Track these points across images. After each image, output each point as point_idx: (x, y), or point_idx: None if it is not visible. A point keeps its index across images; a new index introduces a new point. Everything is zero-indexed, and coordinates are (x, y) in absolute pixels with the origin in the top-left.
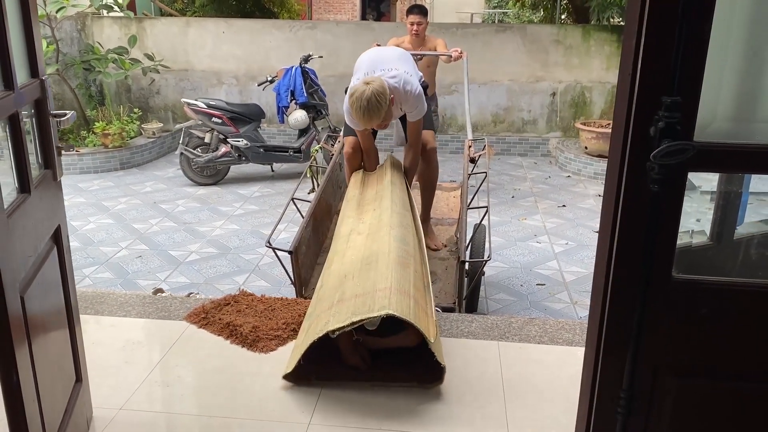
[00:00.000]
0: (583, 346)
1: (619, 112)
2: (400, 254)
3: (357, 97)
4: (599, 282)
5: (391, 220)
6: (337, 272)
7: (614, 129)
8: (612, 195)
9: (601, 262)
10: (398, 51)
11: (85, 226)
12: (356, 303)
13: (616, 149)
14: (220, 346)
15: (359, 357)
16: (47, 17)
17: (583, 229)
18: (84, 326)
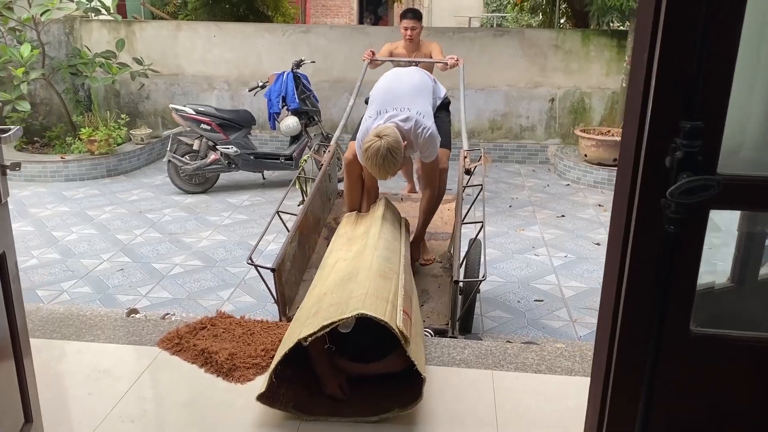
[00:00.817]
0: (582, 375)
1: (628, 138)
2: (381, 269)
3: (372, 154)
4: (603, 336)
5: (377, 243)
6: (317, 293)
7: (622, 158)
8: (619, 235)
9: (606, 311)
10: (416, 79)
11: (67, 237)
12: (329, 311)
13: (624, 182)
14: (193, 376)
15: (338, 386)
16: (33, 20)
17: (583, 241)
18: (48, 353)
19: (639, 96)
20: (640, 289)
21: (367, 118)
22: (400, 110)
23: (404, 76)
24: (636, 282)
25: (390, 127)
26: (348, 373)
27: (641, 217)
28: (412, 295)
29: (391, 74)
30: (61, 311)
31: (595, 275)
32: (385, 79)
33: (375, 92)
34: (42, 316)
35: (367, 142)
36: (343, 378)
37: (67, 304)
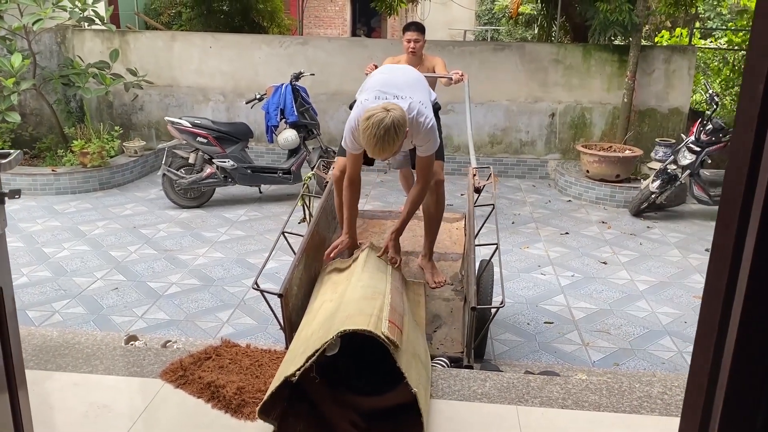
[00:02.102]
0: (611, 410)
1: (733, 179)
2: (365, 293)
3: (374, 123)
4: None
5: (361, 276)
6: (304, 336)
7: (729, 181)
8: (720, 287)
9: (696, 402)
10: (413, 73)
11: (59, 254)
12: (312, 341)
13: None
14: (199, 412)
15: (349, 422)
16: (24, 29)
17: (589, 260)
18: (42, 385)
19: (751, 133)
20: (747, 371)
21: (363, 101)
22: (401, 97)
23: (400, 69)
24: (743, 357)
25: (397, 105)
26: (359, 408)
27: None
28: (404, 314)
29: (385, 67)
30: (55, 336)
31: (603, 295)
32: (380, 72)
33: (370, 82)
34: (35, 344)
35: (370, 110)
36: (354, 414)
37: (61, 327)
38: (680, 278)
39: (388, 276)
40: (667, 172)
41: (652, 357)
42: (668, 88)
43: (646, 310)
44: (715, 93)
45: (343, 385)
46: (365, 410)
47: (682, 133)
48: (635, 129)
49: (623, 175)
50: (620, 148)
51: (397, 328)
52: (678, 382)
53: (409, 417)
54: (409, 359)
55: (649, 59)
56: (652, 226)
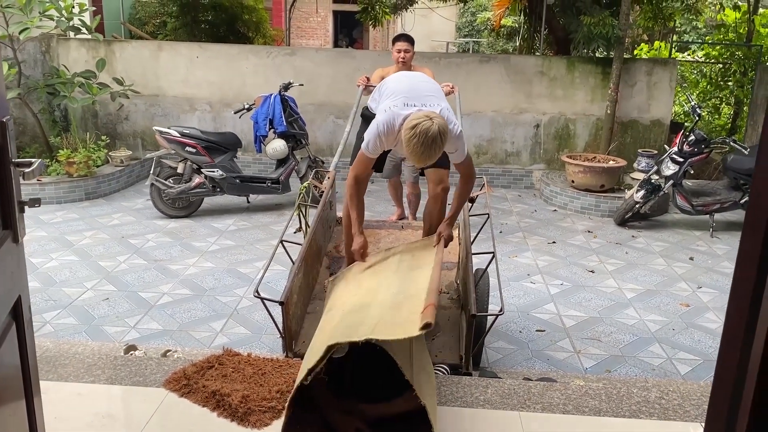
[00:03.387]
0: (611, 415)
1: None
2: (392, 300)
3: (421, 131)
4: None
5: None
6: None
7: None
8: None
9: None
10: (430, 80)
11: (47, 264)
12: (336, 335)
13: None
14: (205, 420)
15: (355, 430)
16: (9, 38)
17: (577, 268)
18: (45, 396)
19: None
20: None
21: (392, 107)
22: (429, 105)
23: (417, 75)
24: None
25: (438, 114)
26: (366, 416)
27: None
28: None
29: (402, 74)
30: (50, 347)
31: (593, 303)
32: (399, 77)
33: (392, 86)
34: None
35: (415, 119)
36: (359, 422)
37: (54, 338)
38: (666, 286)
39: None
40: (651, 183)
41: (643, 363)
42: (650, 100)
43: (635, 317)
44: (698, 104)
45: (349, 393)
46: (372, 418)
47: (665, 144)
48: (618, 140)
49: (608, 185)
50: (604, 159)
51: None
52: (673, 387)
53: (415, 425)
54: (418, 371)
55: (631, 71)
56: (637, 235)
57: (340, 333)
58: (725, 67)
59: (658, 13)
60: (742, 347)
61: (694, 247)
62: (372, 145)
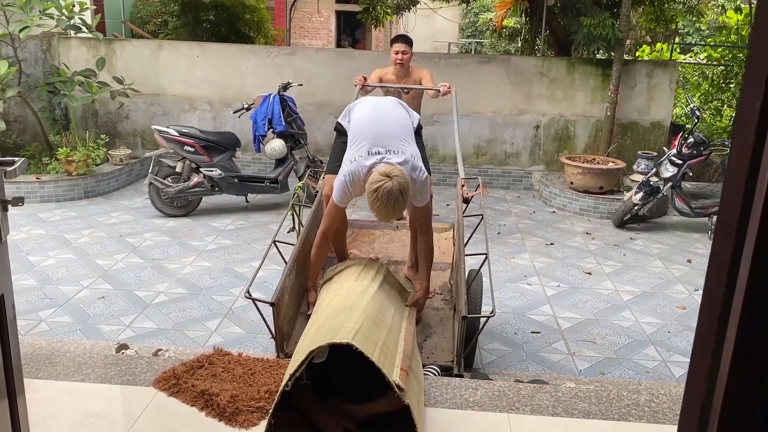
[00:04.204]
0: (600, 418)
1: (731, 195)
2: (374, 315)
3: (384, 194)
4: (692, 409)
5: (375, 295)
6: (311, 334)
7: (725, 208)
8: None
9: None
10: (399, 118)
11: (44, 262)
12: (318, 338)
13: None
14: (193, 420)
15: (341, 430)
16: (9, 36)
17: (574, 270)
18: (35, 395)
19: (748, 151)
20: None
21: (357, 157)
22: (394, 153)
23: (386, 110)
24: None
25: (396, 166)
26: (351, 416)
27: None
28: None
29: (370, 107)
30: (43, 345)
31: (589, 306)
32: (365, 113)
33: (358, 127)
34: (24, 353)
35: (375, 182)
36: (346, 420)
37: (48, 336)
38: (663, 288)
39: (400, 318)
40: (650, 185)
41: (638, 366)
42: (650, 102)
43: (631, 319)
44: (697, 107)
45: (332, 394)
46: (358, 418)
47: (664, 146)
48: (618, 142)
49: (607, 186)
50: (603, 161)
51: (405, 372)
52: (664, 390)
53: (403, 425)
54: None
55: (631, 73)
56: (635, 238)
57: (321, 336)
58: (727, 69)
59: (660, 14)
60: (713, 352)
61: (692, 249)
62: (340, 195)
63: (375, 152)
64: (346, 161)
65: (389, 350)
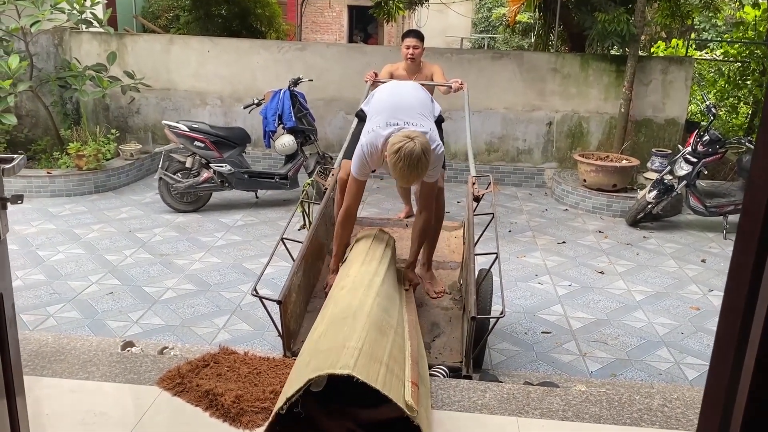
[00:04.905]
0: (612, 423)
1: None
2: (379, 320)
3: (405, 154)
4: (714, 405)
5: (380, 288)
6: (315, 336)
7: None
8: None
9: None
10: (419, 94)
11: (53, 257)
12: (320, 359)
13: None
14: (197, 420)
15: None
16: (21, 31)
17: (586, 269)
18: (39, 392)
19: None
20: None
21: (375, 128)
22: (413, 125)
23: (406, 89)
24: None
25: (419, 132)
26: (356, 419)
27: None
28: (419, 358)
29: (390, 87)
30: (50, 341)
31: (601, 305)
32: (386, 92)
33: (377, 104)
34: (30, 349)
35: (396, 143)
36: (350, 423)
37: (55, 332)
38: (677, 289)
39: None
40: (664, 183)
41: (650, 368)
42: (665, 99)
43: (643, 320)
44: (713, 104)
45: (336, 396)
46: (362, 421)
47: (679, 143)
48: (632, 139)
49: (620, 184)
50: (617, 158)
51: (415, 385)
52: (677, 394)
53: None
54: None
55: (646, 70)
56: (649, 237)
57: (323, 357)
58: (743, 65)
59: (676, 10)
60: (735, 358)
61: (707, 249)
62: (359, 168)
63: (393, 123)
64: (363, 133)
65: (396, 362)
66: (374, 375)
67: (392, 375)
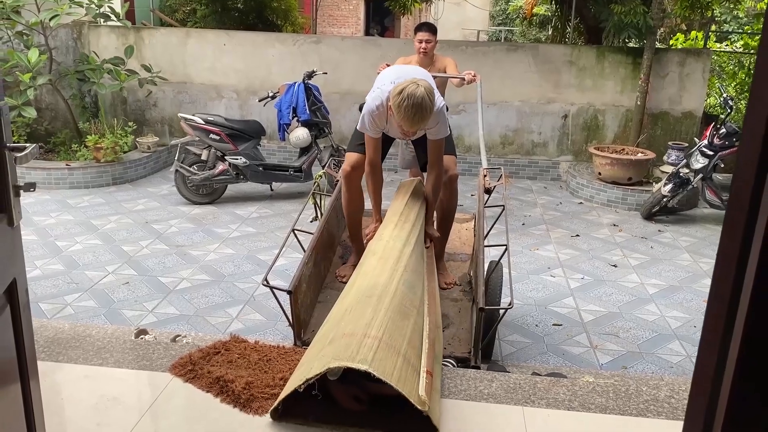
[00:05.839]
0: (617, 413)
1: (741, 185)
2: (403, 301)
3: (408, 94)
4: (703, 386)
5: (408, 261)
6: (338, 311)
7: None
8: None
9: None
10: (422, 70)
11: (71, 247)
12: (340, 344)
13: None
14: (208, 406)
15: (352, 397)
16: (41, 25)
17: (599, 262)
18: (54, 377)
19: (758, 142)
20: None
21: (380, 87)
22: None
23: (410, 67)
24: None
25: (424, 79)
26: (364, 388)
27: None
28: (436, 337)
29: (396, 66)
30: (66, 329)
31: (613, 298)
32: (391, 68)
33: (383, 75)
34: (47, 336)
35: (401, 85)
36: (356, 389)
37: (72, 320)
38: (690, 282)
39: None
40: (680, 176)
41: (661, 361)
42: (682, 92)
43: (656, 313)
44: (730, 97)
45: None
46: (370, 391)
47: (695, 136)
48: (648, 132)
49: (635, 178)
50: (633, 151)
51: (430, 375)
52: (686, 386)
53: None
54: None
55: (663, 62)
56: (664, 230)
57: (345, 344)
58: None
59: (695, 1)
60: (720, 349)
61: None
62: (367, 123)
63: (396, 82)
64: (368, 96)
65: (414, 349)
66: (390, 368)
67: (408, 365)
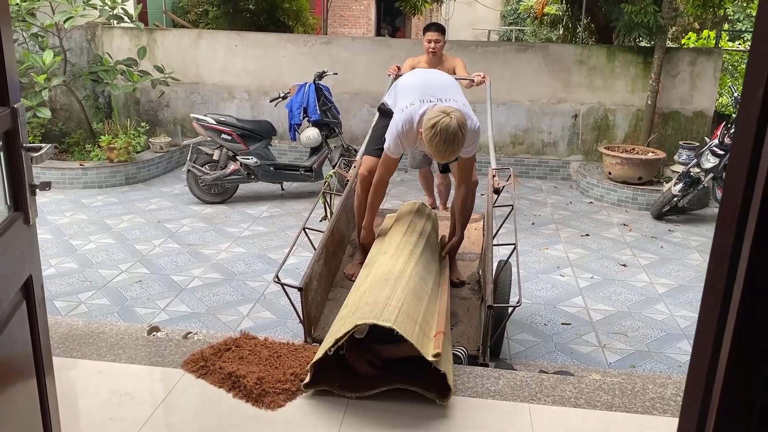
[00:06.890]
0: (623, 411)
1: (733, 184)
2: (416, 288)
3: (442, 128)
4: (702, 357)
5: (419, 259)
6: (359, 293)
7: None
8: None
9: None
10: (447, 77)
11: (85, 246)
12: (365, 310)
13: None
14: (219, 401)
15: (366, 362)
16: (55, 27)
17: (609, 262)
18: (68, 373)
19: (750, 139)
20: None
21: (409, 105)
22: (446, 100)
23: (433, 72)
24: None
25: (455, 108)
26: (377, 354)
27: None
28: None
29: (417, 71)
30: (80, 326)
31: (622, 298)
32: (413, 75)
33: (407, 84)
34: (62, 333)
35: (432, 118)
36: (371, 356)
37: (86, 318)
38: (700, 282)
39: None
40: (690, 176)
41: (669, 360)
42: (693, 91)
43: (665, 313)
44: (740, 96)
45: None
46: (383, 357)
47: (706, 136)
48: (659, 131)
49: (646, 177)
50: (643, 151)
51: (442, 334)
52: None
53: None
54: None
55: (673, 61)
56: (674, 230)
57: (368, 309)
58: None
59: (707, 0)
60: (715, 339)
61: None
62: (393, 145)
63: (427, 100)
64: (397, 111)
65: (428, 323)
66: (410, 332)
67: (423, 334)
